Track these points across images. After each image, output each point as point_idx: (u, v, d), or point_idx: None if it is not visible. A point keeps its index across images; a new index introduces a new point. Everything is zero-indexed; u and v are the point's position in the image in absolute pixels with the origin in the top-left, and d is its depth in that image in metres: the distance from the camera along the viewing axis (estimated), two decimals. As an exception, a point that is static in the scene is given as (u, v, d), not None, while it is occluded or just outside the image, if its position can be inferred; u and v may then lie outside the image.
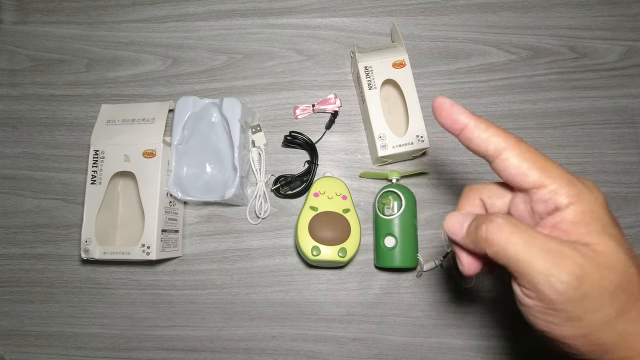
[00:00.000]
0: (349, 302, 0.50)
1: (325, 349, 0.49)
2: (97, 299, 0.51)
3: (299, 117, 0.53)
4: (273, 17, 0.56)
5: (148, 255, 0.44)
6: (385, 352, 0.49)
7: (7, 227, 0.53)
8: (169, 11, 0.57)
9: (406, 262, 0.45)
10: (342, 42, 0.55)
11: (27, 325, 0.52)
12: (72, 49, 0.57)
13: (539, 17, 0.55)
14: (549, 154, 0.53)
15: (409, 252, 0.45)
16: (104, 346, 0.51)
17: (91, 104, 0.55)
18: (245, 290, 0.51)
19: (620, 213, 0.50)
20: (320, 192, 0.46)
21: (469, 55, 0.54)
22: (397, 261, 0.45)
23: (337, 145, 0.53)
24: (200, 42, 0.56)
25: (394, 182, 0.48)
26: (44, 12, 0.58)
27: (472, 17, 0.55)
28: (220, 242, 0.51)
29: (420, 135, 0.47)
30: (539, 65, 0.54)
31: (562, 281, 0.21)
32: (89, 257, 0.45)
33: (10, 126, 0.55)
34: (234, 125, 0.47)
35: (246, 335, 0.50)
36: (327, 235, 0.44)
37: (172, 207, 0.48)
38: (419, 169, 0.49)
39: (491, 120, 0.28)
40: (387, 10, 0.56)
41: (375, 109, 0.47)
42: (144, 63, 0.56)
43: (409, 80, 0.48)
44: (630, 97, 0.53)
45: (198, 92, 0.54)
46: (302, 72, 0.55)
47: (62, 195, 0.53)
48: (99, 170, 0.46)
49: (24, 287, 0.52)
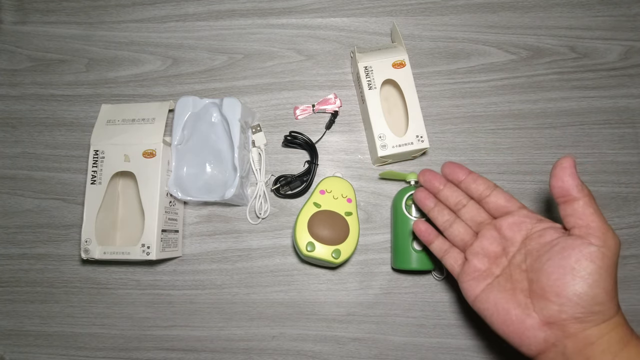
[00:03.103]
0: (349, 302, 0.50)
1: (325, 349, 0.49)
2: (97, 299, 0.51)
3: (299, 117, 0.53)
4: (273, 17, 0.56)
5: (148, 255, 0.44)
6: (385, 352, 0.49)
7: (7, 227, 0.53)
8: (169, 11, 0.57)
9: (431, 264, 0.45)
10: (342, 42, 0.55)
11: (27, 325, 0.52)
12: (72, 49, 0.57)
13: (539, 17, 0.55)
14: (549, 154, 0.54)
15: (431, 254, 0.45)
16: (104, 346, 0.51)
17: (91, 104, 0.55)
18: (245, 290, 0.51)
19: (620, 213, 0.50)
20: (327, 191, 0.46)
21: (469, 55, 0.54)
22: (425, 264, 0.45)
23: (337, 145, 0.53)
24: (200, 42, 0.56)
25: (412, 185, 0.48)
26: (44, 12, 0.58)
27: (472, 17, 0.55)
28: (220, 242, 0.51)
29: (420, 135, 0.47)
30: (539, 65, 0.54)
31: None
32: (89, 257, 0.45)
33: (10, 126, 0.55)
34: (234, 125, 0.47)
35: (246, 335, 0.50)
36: (324, 234, 0.44)
37: (172, 207, 0.48)
38: None
39: (491, 120, 0.30)
40: (387, 10, 0.56)
41: (375, 109, 0.47)
42: (144, 63, 0.56)
43: (409, 80, 0.48)
44: (630, 97, 0.53)
45: (198, 92, 0.54)
46: (302, 72, 0.55)
47: (62, 195, 0.53)
48: (99, 170, 0.46)
49: (24, 287, 0.52)
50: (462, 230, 0.38)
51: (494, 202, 0.36)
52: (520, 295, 0.33)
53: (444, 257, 0.39)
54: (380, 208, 0.51)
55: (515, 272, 0.34)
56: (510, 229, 0.35)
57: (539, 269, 0.32)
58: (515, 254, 0.35)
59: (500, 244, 0.36)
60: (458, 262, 0.38)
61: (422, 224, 0.40)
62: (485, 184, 0.37)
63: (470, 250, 0.37)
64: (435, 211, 0.40)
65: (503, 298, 0.34)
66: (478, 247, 0.36)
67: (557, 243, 0.32)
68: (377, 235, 0.51)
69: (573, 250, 0.31)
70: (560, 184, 0.32)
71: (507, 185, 0.51)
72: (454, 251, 0.39)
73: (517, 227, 0.35)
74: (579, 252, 0.30)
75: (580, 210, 0.31)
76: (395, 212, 0.47)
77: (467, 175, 0.38)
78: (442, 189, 0.39)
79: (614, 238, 0.31)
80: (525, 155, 0.52)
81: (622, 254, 0.49)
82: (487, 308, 0.34)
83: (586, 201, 0.31)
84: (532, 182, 0.51)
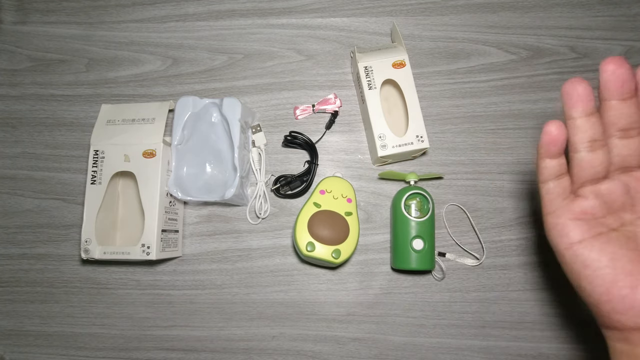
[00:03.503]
0: (349, 302, 0.50)
1: (325, 349, 0.49)
2: (97, 299, 0.51)
3: (299, 117, 0.53)
4: (273, 17, 0.56)
5: (148, 255, 0.44)
6: (385, 352, 0.49)
7: (7, 227, 0.53)
8: (169, 11, 0.57)
9: (431, 264, 0.45)
10: (342, 42, 0.55)
11: (27, 325, 0.52)
12: (72, 49, 0.57)
13: (539, 17, 0.55)
14: (549, 154, 0.53)
15: (432, 254, 0.45)
16: (104, 346, 0.51)
17: (91, 104, 0.55)
18: (245, 290, 0.51)
19: (620, 213, 0.50)
20: (327, 191, 0.46)
21: (469, 55, 0.54)
22: (425, 264, 0.45)
23: (337, 145, 0.53)
24: (200, 42, 0.56)
25: (412, 185, 0.48)
26: (44, 12, 0.58)
27: (472, 17, 0.55)
28: (220, 242, 0.51)
29: (420, 135, 0.47)
30: (539, 65, 0.54)
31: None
32: (89, 257, 0.45)
33: (10, 126, 0.55)
34: (234, 125, 0.47)
35: (246, 335, 0.50)
36: (324, 234, 0.44)
37: (172, 207, 0.48)
38: (436, 174, 0.49)
39: (491, 120, 0.28)
40: (387, 10, 0.56)
41: (375, 109, 0.47)
42: (144, 63, 0.56)
43: (409, 80, 0.48)
44: (630, 97, 0.53)
45: (198, 92, 0.54)
46: (302, 72, 0.55)
47: (62, 195, 0.53)
48: (99, 170, 0.46)
49: (24, 287, 0.52)
50: (602, 161, 0.28)
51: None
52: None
53: (552, 181, 0.30)
54: (380, 208, 0.51)
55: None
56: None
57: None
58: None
59: (633, 200, 0.29)
60: (565, 194, 0.30)
61: (557, 126, 0.29)
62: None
63: (592, 189, 0.29)
64: (588, 121, 0.28)
65: (625, 256, 0.27)
66: (605, 189, 0.29)
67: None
68: (377, 235, 0.51)
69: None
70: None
71: (507, 185, 0.51)
72: (566, 180, 0.30)
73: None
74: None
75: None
76: (394, 212, 0.47)
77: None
78: (625, 95, 0.27)
79: None
80: (525, 155, 0.52)
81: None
82: (597, 259, 0.28)
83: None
84: (532, 182, 0.51)
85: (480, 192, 0.51)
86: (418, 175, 0.48)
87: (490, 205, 0.51)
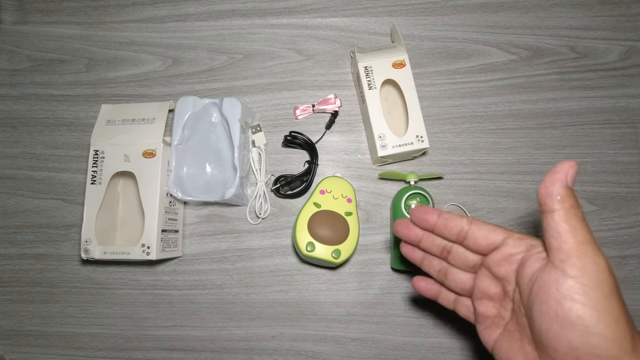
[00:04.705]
0: (349, 302, 0.50)
1: (325, 349, 0.49)
2: (97, 299, 0.51)
3: (299, 117, 0.53)
4: (273, 17, 0.56)
5: (148, 255, 0.44)
6: (385, 352, 0.49)
7: (7, 227, 0.53)
8: (169, 11, 0.57)
9: None
10: (342, 42, 0.55)
11: (27, 325, 0.52)
12: (72, 49, 0.57)
13: (539, 17, 0.55)
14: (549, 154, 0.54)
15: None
16: (104, 346, 0.51)
17: (91, 104, 0.55)
18: (245, 290, 0.51)
19: (620, 213, 0.50)
20: (327, 191, 0.46)
21: (469, 55, 0.54)
22: None
23: (337, 145, 0.53)
24: (200, 42, 0.56)
25: (412, 185, 0.48)
26: (44, 12, 0.58)
27: (472, 17, 0.55)
28: (220, 242, 0.51)
29: (420, 135, 0.47)
30: (539, 65, 0.54)
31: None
32: (89, 257, 0.45)
33: (10, 126, 0.55)
34: (234, 125, 0.47)
35: (246, 335, 0.50)
36: (324, 234, 0.44)
37: (172, 207, 0.48)
38: (436, 174, 0.49)
39: (491, 120, 0.28)
40: (387, 10, 0.56)
41: (375, 109, 0.47)
42: (144, 63, 0.56)
43: (408, 80, 0.48)
44: (630, 97, 0.53)
45: (198, 92, 0.54)
46: (302, 72, 0.55)
47: (62, 195, 0.53)
48: (99, 170, 0.46)
49: (24, 287, 0.52)
50: (460, 278, 0.33)
51: (474, 241, 0.31)
52: (527, 347, 0.28)
53: (455, 309, 0.35)
54: (380, 208, 0.51)
55: (520, 316, 0.29)
56: (500, 265, 0.30)
57: (530, 317, 0.27)
58: (514, 294, 0.30)
59: (498, 285, 0.31)
60: (471, 311, 0.34)
61: (421, 280, 0.37)
62: (458, 224, 0.32)
63: (474, 297, 0.33)
64: (425, 264, 0.36)
65: (512, 350, 0.29)
66: (478, 292, 0.32)
67: (535, 279, 0.27)
68: (377, 235, 0.51)
69: (549, 290, 0.25)
70: (542, 190, 0.26)
71: (507, 185, 0.51)
72: (463, 300, 0.34)
73: (506, 261, 0.30)
74: (555, 290, 0.25)
75: (554, 227, 0.25)
76: (394, 212, 0.47)
77: (438, 218, 0.32)
78: (421, 236, 0.34)
79: (594, 262, 0.24)
80: (525, 155, 0.52)
81: (622, 254, 0.49)
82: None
83: (562, 215, 0.25)
84: (532, 182, 0.51)
85: (480, 192, 0.51)
86: (418, 175, 0.48)
87: (490, 205, 0.51)
